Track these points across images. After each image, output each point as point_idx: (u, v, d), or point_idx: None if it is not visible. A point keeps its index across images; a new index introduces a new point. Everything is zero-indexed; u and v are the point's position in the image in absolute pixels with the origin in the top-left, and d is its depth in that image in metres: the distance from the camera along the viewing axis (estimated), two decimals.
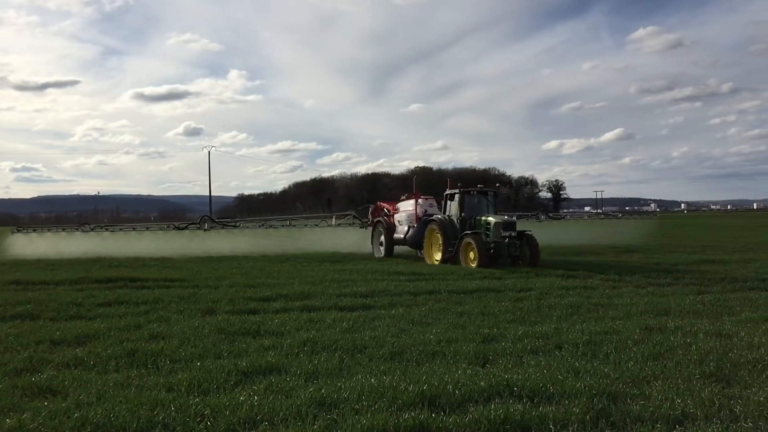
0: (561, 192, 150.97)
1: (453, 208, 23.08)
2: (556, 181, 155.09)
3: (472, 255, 20.78)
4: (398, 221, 26.38)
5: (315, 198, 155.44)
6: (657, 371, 7.18)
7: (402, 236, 25.45)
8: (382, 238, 26.75)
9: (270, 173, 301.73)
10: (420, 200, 25.69)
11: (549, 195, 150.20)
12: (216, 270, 20.29)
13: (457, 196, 22.91)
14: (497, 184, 23.13)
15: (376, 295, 13.81)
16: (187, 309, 12.10)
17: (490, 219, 21.73)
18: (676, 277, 16.86)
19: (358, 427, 5.47)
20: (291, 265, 22.33)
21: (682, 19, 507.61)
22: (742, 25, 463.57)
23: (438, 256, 22.63)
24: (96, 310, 12.16)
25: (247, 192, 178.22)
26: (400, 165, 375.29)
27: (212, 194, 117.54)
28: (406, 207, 26.25)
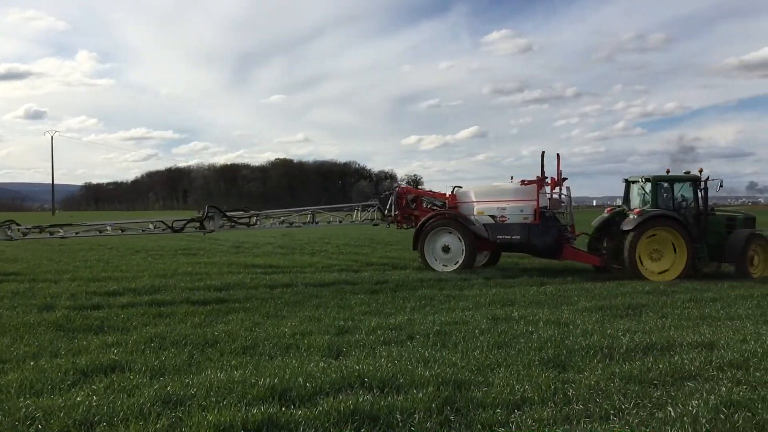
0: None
1: (681, 199, 17.24)
2: (414, 175, 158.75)
3: (757, 260, 16.56)
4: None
5: (170, 188, 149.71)
6: (501, 359, 7.53)
7: (514, 237, 17.36)
8: (447, 240, 17.75)
9: (121, 161, 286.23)
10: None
11: None
12: (57, 263, 18.95)
13: (691, 184, 17.09)
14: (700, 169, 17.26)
15: (231, 289, 13.49)
16: (22, 305, 11.19)
17: (741, 215, 17.74)
18: (522, 270, 17.84)
19: (204, 424, 5.29)
20: (141, 257, 21.31)
21: (535, 25, 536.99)
22: (586, 33, 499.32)
23: (657, 266, 16.34)
24: None
25: (95, 181, 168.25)
26: (260, 156, 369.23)
27: (56, 182, 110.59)
28: (505, 195, 17.86)
